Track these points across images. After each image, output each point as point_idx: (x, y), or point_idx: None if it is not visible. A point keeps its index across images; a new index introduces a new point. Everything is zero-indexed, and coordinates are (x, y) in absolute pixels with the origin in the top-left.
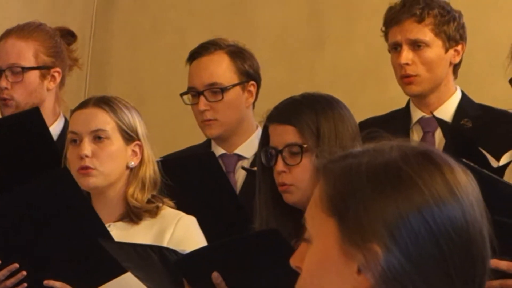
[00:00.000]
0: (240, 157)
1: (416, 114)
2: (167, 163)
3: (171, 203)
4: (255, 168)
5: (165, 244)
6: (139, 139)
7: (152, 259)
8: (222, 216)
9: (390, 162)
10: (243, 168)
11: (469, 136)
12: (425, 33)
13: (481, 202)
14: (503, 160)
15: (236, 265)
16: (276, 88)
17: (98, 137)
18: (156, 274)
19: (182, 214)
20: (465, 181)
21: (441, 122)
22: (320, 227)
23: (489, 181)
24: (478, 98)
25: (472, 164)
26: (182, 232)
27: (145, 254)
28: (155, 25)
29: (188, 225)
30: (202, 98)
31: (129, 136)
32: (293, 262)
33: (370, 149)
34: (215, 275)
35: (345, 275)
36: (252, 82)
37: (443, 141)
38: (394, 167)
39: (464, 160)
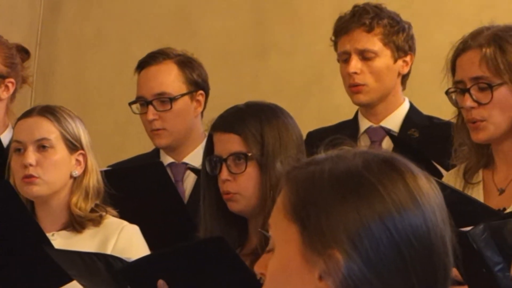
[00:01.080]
0: (188, 166)
1: (364, 123)
2: (115, 172)
3: (114, 212)
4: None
5: (108, 253)
6: (83, 148)
7: (97, 267)
8: (169, 226)
9: (352, 169)
10: (189, 168)
11: (418, 147)
12: (374, 43)
13: (443, 209)
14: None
15: (181, 273)
16: (221, 97)
17: (42, 146)
18: (101, 282)
19: (125, 223)
20: (427, 188)
21: (390, 134)
22: (282, 234)
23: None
24: (423, 108)
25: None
26: (125, 241)
27: (90, 262)
28: (99, 34)
29: (131, 235)
30: (150, 107)
31: (73, 145)
32: (258, 268)
33: (334, 156)
34: (161, 283)
35: (307, 282)
36: (201, 91)
37: (390, 150)
38: (356, 175)
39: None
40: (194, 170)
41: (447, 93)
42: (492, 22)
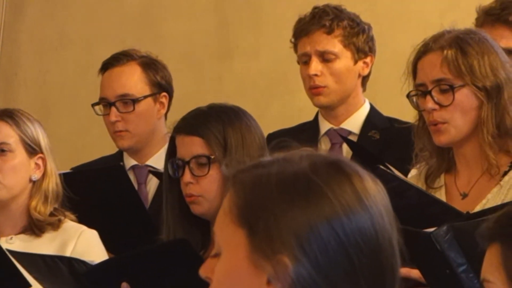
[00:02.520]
0: (152, 168)
1: (324, 125)
2: (75, 175)
3: (72, 216)
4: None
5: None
6: (42, 152)
7: (60, 269)
8: (130, 229)
9: (299, 173)
10: (150, 171)
11: (375, 152)
12: (334, 44)
13: (390, 211)
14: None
15: (145, 275)
16: (184, 99)
17: (1, 150)
18: (64, 285)
19: (84, 227)
20: (374, 191)
21: (346, 140)
22: (229, 238)
23: (403, 188)
24: (385, 110)
25: (388, 170)
26: (83, 245)
27: (53, 264)
28: (62, 37)
29: (89, 239)
30: (113, 109)
31: (32, 149)
32: (203, 272)
33: (280, 159)
34: (124, 286)
35: (254, 286)
36: (164, 93)
37: (350, 152)
38: (303, 178)
39: (380, 166)
40: (156, 173)
41: (408, 96)
42: (454, 26)
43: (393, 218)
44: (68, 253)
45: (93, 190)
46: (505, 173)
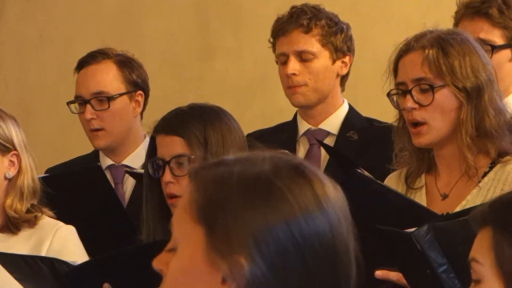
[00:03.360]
0: (128, 168)
1: (303, 126)
2: (53, 179)
3: (50, 213)
4: (140, 171)
5: (43, 254)
6: (15, 149)
7: (42, 270)
8: (109, 230)
9: (261, 174)
10: (127, 172)
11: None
12: (312, 44)
13: (348, 218)
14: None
15: (126, 276)
16: (165, 99)
17: None
18: (46, 286)
19: (61, 224)
20: (334, 196)
21: (323, 144)
22: (187, 235)
23: (381, 192)
24: (366, 110)
25: (366, 174)
26: (60, 242)
27: (35, 265)
28: (43, 35)
29: (66, 235)
30: (88, 106)
31: (5, 147)
32: (156, 264)
33: (243, 159)
34: (106, 286)
35: (209, 285)
36: (140, 91)
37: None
38: (265, 179)
39: (358, 170)
40: (132, 174)
41: (388, 95)
42: (436, 26)
43: (351, 225)
44: (44, 250)
45: (71, 192)
46: (485, 174)
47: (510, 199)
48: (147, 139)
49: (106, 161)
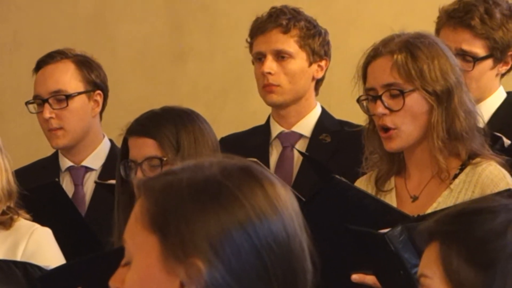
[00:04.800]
0: (88, 169)
1: (276, 129)
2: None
3: (27, 215)
4: (110, 182)
5: (19, 257)
6: None
7: (15, 274)
8: (71, 244)
9: (211, 178)
10: (96, 182)
11: (323, 163)
12: (290, 44)
13: (299, 215)
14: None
15: (100, 280)
16: (137, 102)
17: None
18: None
19: (37, 226)
20: (284, 195)
21: (302, 153)
22: (141, 245)
23: (357, 196)
24: (339, 113)
25: (344, 180)
26: (35, 244)
27: (8, 269)
28: (16, 39)
29: (41, 237)
30: (46, 105)
31: None
32: (112, 283)
33: (191, 166)
34: None
35: None
36: (99, 91)
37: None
38: (215, 182)
39: (336, 176)
40: (101, 184)
41: (358, 100)
42: (403, 30)
43: (303, 223)
44: (19, 253)
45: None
46: (455, 176)
47: (455, 212)
48: (106, 140)
49: (65, 163)
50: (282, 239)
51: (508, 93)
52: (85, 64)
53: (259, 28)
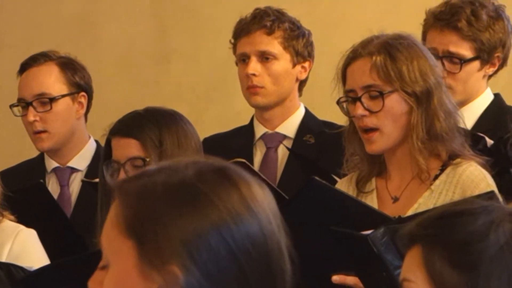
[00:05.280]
0: (73, 170)
1: (259, 130)
2: None
3: (11, 217)
4: (96, 180)
5: (3, 259)
6: None
7: None
8: (57, 243)
9: (186, 181)
10: (83, 180)
11: (311, 159)
12: (274, 45)
13: (277, 215)
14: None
15: (81, 282)
16: (121, 102)
17: None
18: None
19: (22, 227)
20: (261, 196)
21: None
22: (117, 250)
23: (337, 197)
24: (323, 114)
25: (322, 181)
26: (20, 246)
27: None
28: (0, 40)
29: (27, 239)
30: (31, 108)
31: None
32: (91, 284)
33: (165, 168)
34: None
35: None
36: (83, 93)
37: (286, 156)
38: (189, 186)
39: (316, 178)
40: (88, 182)
41: (338, 102)
42: (384, 31)
43: (281, 223)
44: (4, 254)
45: (19, 210)
46: (436, 177)
47: (436, 215)
48: (92, 141)
49: (51, 164)
50: (259, 242)
51: (495, 94)
52: (68, 66)
53: (243, 30)
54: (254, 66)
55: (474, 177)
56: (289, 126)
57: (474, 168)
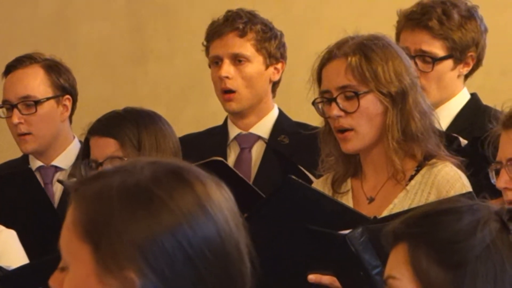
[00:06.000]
0: (57, 168)
1: (233, 130)
2: None
3: None
4: (71, 180)
5: None
6: None
7: None
8: (43, 232)
9: (141, 184)
10: (58, 181)
11: (288, 157)
12: (246, 48)
13: (236, 214)
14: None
15: None
16: (98, 103)
17: None
18: None
19: (2, 228)
20: (218, 196)
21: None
22: (75, 254)
23: (314, 196)
24: (299, 115)
25: (299, 180)
26: (1, 246)
27: None
28: None
29: (6, 240)
30: (15, 111)
31: None
32: (52, 283)
33: (122, 169)
34: None
35: None
36: (68, 96)
37: (260, 157)
38: (144, 189)
39: (293, 177)
40: (63, 183)
41: (313, 103)
42: (358, 32)
43: (240, 222)
44: None
45: (4, 196)
46: (411, 178)
47: (421, 213)
48: (76, 141)
49: (35, 163)
50: (215, 244)
51: (472, 94)
52: (54, 69)
53: (215, 32)
54: (227, 69)
55: (449, 178)
56: (263, 127)
57: (450, 169)
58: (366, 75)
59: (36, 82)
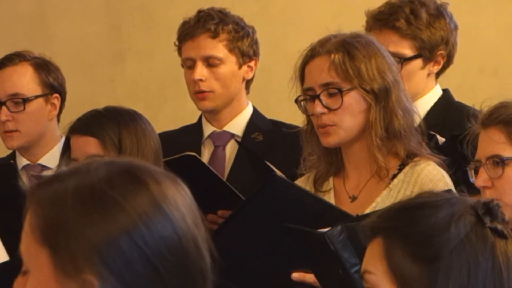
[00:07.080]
0: (44, 167)
1: (208, 128)
2: None
3: None
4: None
5: None
6: None
7: None
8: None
9: (95, 185)
10: (32, 175)
11: (257, 154)
12: (219, 49)
13: (194, 211)
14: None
15: None
16: (77, 101)
17: None
18: None
19: None
20: (174, 194)
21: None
22: (34, 258)
23: (299, 194)
24: (277, 113)
25: (284, 178)
26: None
27: None
28: None
29: None
30: (4, 108)
31: None
32: (16, 287)
33: (77, 170)
34: None
35: None
36: (56, 95)
37: (233, 155)
38: (98, 191)
39: (278, 175)
40: (38, 178)
41: (296, 101)
42: (340, 30)
43: (198, 217)
44: None
45: None
46: (394, 176)
47: (398, 207)
48: (63, 140)
49: (21, 161)
50: (173, 243)
51: (444, 90)
52: (43, 67)
53: (187, 34)
54: (201, 71)
55: (432, 176)
56: (237, 124)
57: (433, 168)
58: (349, 72)
59: (25, 80)
